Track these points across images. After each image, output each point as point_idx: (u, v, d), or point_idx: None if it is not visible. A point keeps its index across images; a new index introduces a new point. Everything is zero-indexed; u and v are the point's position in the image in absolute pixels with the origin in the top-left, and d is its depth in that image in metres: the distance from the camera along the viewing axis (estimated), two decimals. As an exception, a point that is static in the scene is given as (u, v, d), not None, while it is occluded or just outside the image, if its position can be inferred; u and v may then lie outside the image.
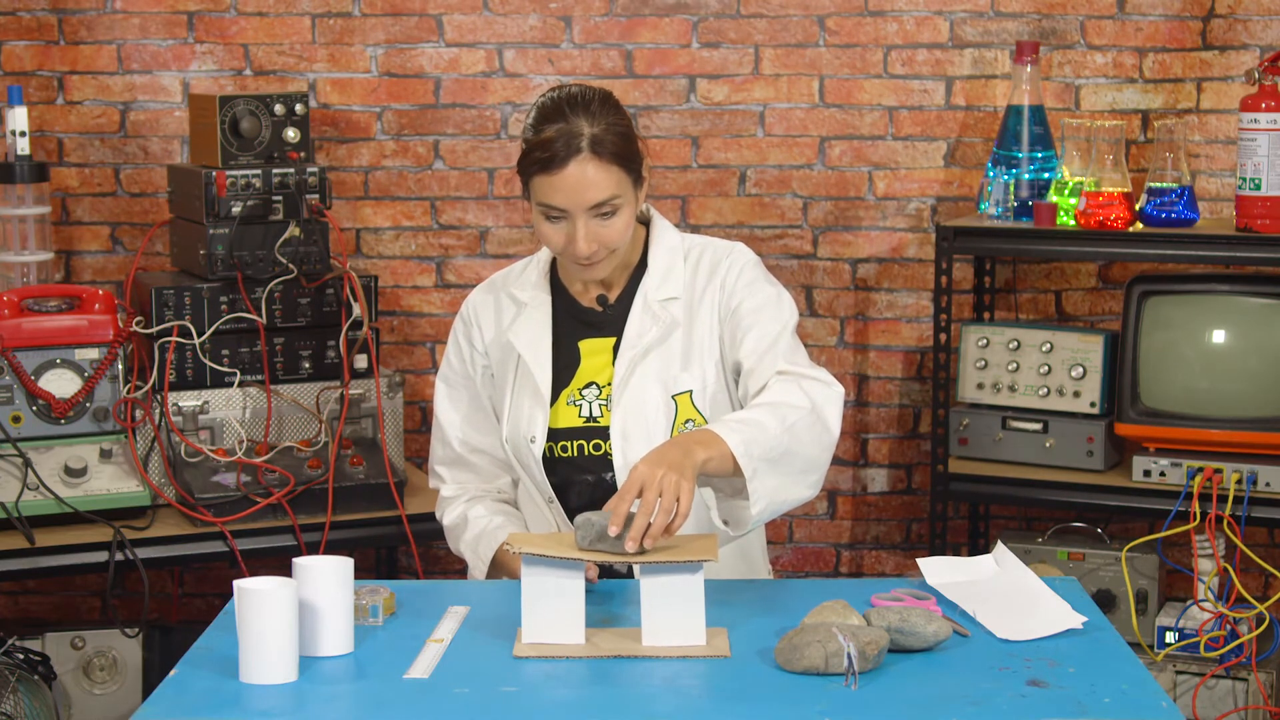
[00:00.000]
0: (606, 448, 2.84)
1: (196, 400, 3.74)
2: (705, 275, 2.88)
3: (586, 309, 2.90)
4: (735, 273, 2.87)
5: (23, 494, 3.54)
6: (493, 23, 4.25)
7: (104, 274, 4.24)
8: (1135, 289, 3.93)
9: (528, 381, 2.88)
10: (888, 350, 4.36)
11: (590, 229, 2.73)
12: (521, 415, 2.87)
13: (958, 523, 4.31)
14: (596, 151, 2.70)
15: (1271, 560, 4.02)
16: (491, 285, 2.99)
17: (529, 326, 2.90)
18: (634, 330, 2.86)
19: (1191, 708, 3.80)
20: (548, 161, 2.70)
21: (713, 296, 2.86)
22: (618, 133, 2.73)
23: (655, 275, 2.88)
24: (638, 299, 2.87)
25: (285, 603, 2.29)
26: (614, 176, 2.72)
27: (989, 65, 4.25)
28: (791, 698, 2.24)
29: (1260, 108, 3.74)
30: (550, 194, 2.72)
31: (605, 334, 2.89)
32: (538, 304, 2.91)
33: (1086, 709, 2.20)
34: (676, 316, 2.85)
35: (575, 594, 2.42)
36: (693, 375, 2.84)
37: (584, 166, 2.70)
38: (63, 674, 3.80)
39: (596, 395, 2.86)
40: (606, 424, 2.84)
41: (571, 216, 2.73)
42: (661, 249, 2.89)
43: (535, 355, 2.87)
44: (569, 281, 2.92)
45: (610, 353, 2.87)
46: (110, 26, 4.18)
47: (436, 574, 4.29)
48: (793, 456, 2.62)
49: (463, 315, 2.98)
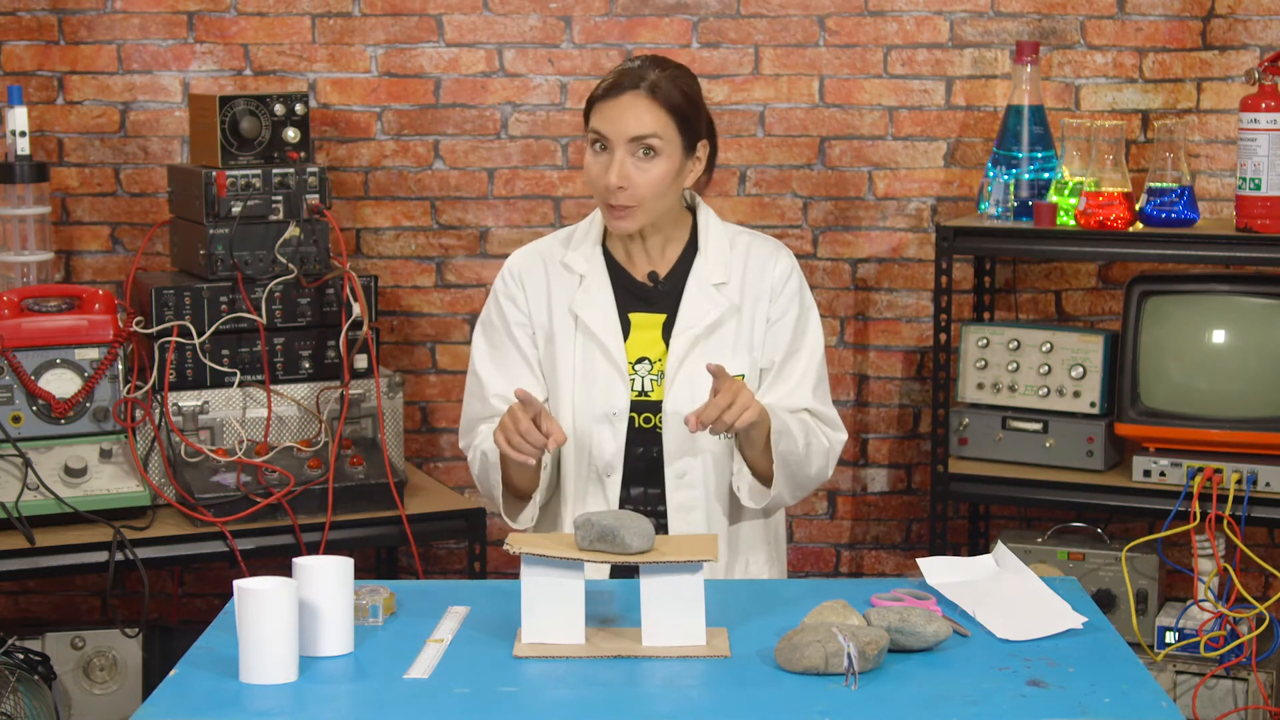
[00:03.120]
0: (656, 421, 2.92)
1: (196, 400, 3.74)
2: (756, 269, 2.97)
3: (639, 283, 2.97)
4: (784, 280, 2.98)
5: (23, 494, 3.54)
6: (493, 23, 4.25)
7: (104, 274, 4.24)
8: (1135, 289, 3.93)
9: (600, 355, 2.93)
10: (888, 350, 4.36)
11: (625, 165, 2.84)
12: (596, 389, 2.91)
13: (958, 523, 4.30)
14: (652, 92, 2.87)
15: (1271, 560, 4.02)
16: (538, 252, 3.03)
17: (595, 299, 2.95)
18: (692, 309, 2.94)
19: (1191, 708, 3.80)
20: (607, 89, 2.87)
21: (761, 293, 2.97)
22: (680, 88, 2.90)
23: (709, 258, 2.96)
24: (692, 279, 2.95)
25: (285, 603, 2.29)
26: (661, 119, 2.86)
27: (989, 65, 4.25)
28: (791, 698, 2.24)
29: (1260, 108, 3.74)
30: (598, 119, 2.87)
31: (656, 309, 2.96)
32: (597, 275, 2.97)
33: (1086, 709, 2.20)
34: (733, 301, 2.95)
35: (575, 594, 2.42)
36: (743, 360, 2.94)
37: (636, 99, 2.86)
38: (63, 674, 3.80)
39: (648, 370, 2.94)
40: (658, 399, 2.92)
41: (612, 148, 2.85)
42: (711, 233, 2.99)
43: (608, 330, 2.93)
44: (619, 253, 2.98)
45: (659, 329, 2.95)
46: (110, 26, 4.18)
47: (436, 574, 4.29)
48: (797, 472, 2.88)
49: (506, 277, 3.01)
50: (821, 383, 3.00)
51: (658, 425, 2.92)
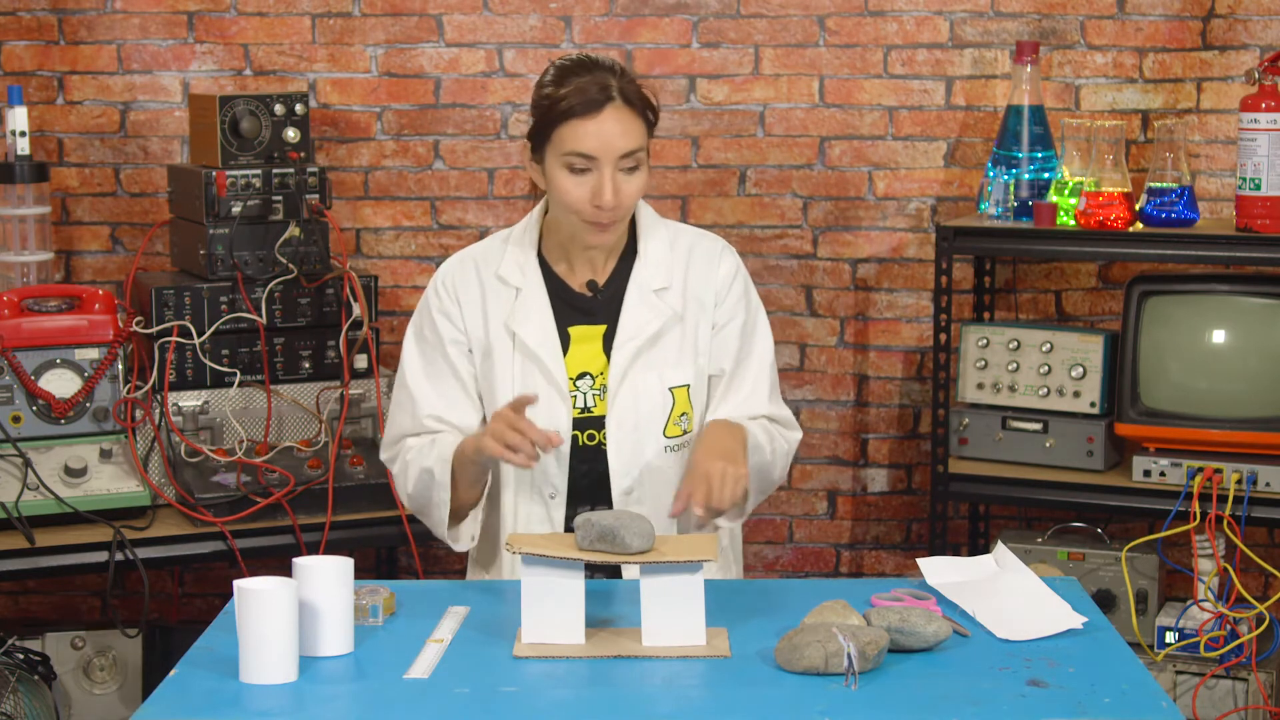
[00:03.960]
0: (600, 438, 2.82)
1: (196, 400, 3.74)
2: (699, 271, 2.86)
3: (577, 294, 2.85)
4: (729, 283, 2.88)
5: (23, 494, 3.54)
6: (493, 23, 4.25)
7: (104, 274, 4.24)
8: (1135, 289, 3.93)
9: (539, 374, 2.80)
10: (888, 350, 4.36)
11: (617, 181, 2.71)
12: (538, 409, 2.76)
13: (958, 523, 4.31)
14: (627, 100, 2.72)
15: (1271, 560, 4.02)
16: (471, 263, 2.90)
17: (533, 315, 2.82)
18: (633, 320, 2.82)
19: (1191, 708, 3.80)
20: (584, 106, 2.69)
21: (704, 296, 2.86)
22: (639, 91, 2.75)
23: (649, 263, 2.85)
24: (632, 287, 2.83)
25: (285, 603, 2.29)
26: (640, 129, 2.74)
27: (989, 65, 4.25)
28: (791, 698, 2.24)
29: (1260, 108, 3.73)
30: (581, 140, 2.70)
31: (596, 321, 2.84)
32: (534, 288, 2.84)
33: (1086, 709, 2.20)
34: (675, 309, 2.83)
35: (575, 594, 2.42)
36: (686, 370, 2.84)
37: (618, 112, 2.71)
38: (63, 674, 3.80)
39: (590, 385, 2.83)
40: (601, 414, 2.81)
41: (599, 166, 2.71)
42: (651, 235, 2.87)
43: (546, 348, 2.80)
44: (556, 262, 2.86)
45: (600, 340, 2.84)
46: (110, 26, 4.18)
47: (436, 574, 4.29)
48: (764, 480, 2.85)
49: (440, 289, 2.88)
50: (774, 386, 2.91)
51: (602, 442, 2.81)
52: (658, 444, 2.83)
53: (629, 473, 2.81)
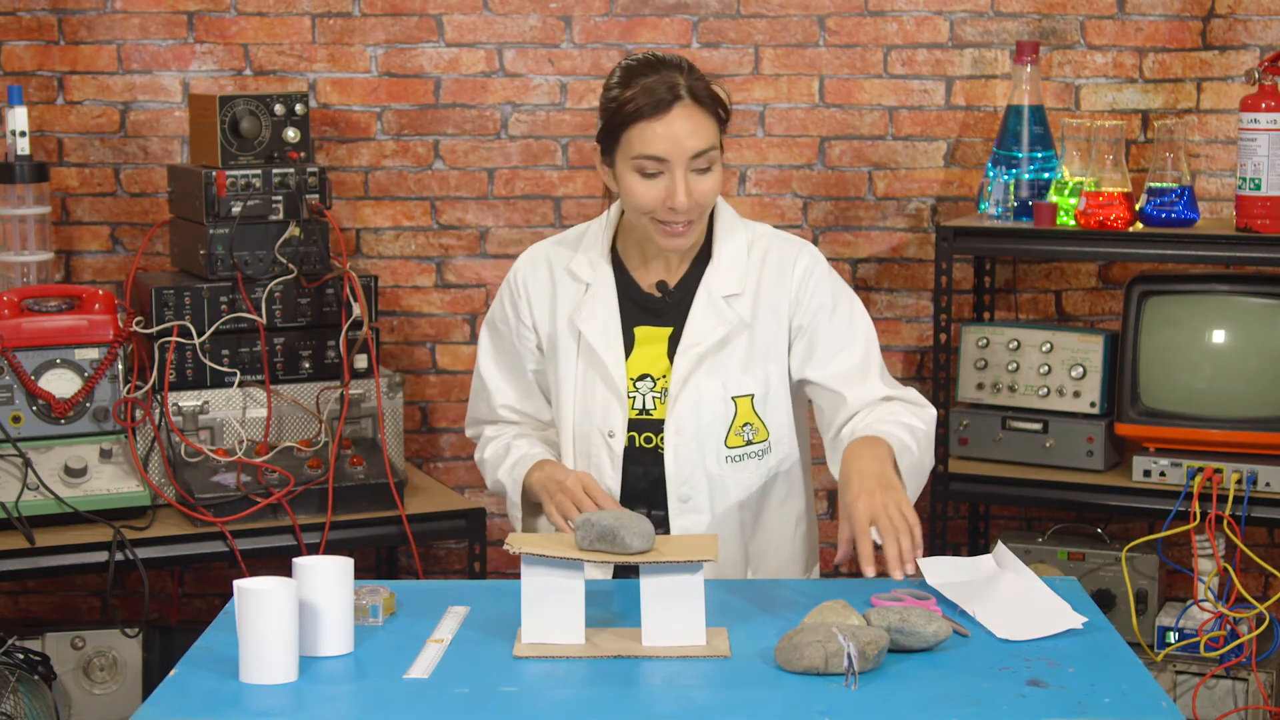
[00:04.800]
0: (658, 441, 2.79)
1: (196, 400, 3.74)
2: (773, 275, 2.81)
3: (646, 294, 2.82)
4: (808, 284, 2.81)
5: (23, 494, 3.54)
6: (493, 23, 4.25)
7: (104, 274, 4.24)
8: (1135, 289, 3.93)
9: (599, 371, 2.79)
10: (888, 350, 4.35)
11: (689, 182, 2.66)
12: (595, 406, 2.78)
13: (958, 523, 4.31)
14: (696, 99, 2.67)
15: (1271, 560, 4.03)
16: (545, 257, 2.88)
17: (599, 312, 2.80)
18: (698, 327, 2.78)
19: (1191, 708, 3.80)
20: (653, 107, 2.64)
21: (779, 301, 2.80)
22: (707, 88, 2.69)
23: (721, 268, 2.79)
24: (701, 291, 2.79)
25: (285, 603, 2.29)
26: (711, 128, 2.69)
27: (989, 65, 4.25)
28: (791, 698, 2.24)
29: (1260, 108, 3.74)
30: (651, 142, 2.65)
31: (663, 323, 2.81)
32: (603, 285, 2.81)
33: (1086, 709, 2.20)
34: (744, 317, 2.78)
35: (575, 594, 2.42)
36: (755, 378, 2.80)
37: (688, 111, 2.65)
38: (63, 674, 3.80)
39: (650, 388, 2.80)
40: (660, 417, 2.78)
41: (670, 168, 2.66)
42: (727, 238, 2.81)
43: (609, 346, 2.78)
44: (630, 260, 2.83)
45: (665, 343, 2.80)
46: (110, 26, 4.18)
47: (436, 574, 4.29)
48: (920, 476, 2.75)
49: (511, 284, 2.89)
50: (883, 365, 2.85)
51: (659, 446, 2.79)
52: (718, 453, 2.80)
53: (686, 480, 2.79)
